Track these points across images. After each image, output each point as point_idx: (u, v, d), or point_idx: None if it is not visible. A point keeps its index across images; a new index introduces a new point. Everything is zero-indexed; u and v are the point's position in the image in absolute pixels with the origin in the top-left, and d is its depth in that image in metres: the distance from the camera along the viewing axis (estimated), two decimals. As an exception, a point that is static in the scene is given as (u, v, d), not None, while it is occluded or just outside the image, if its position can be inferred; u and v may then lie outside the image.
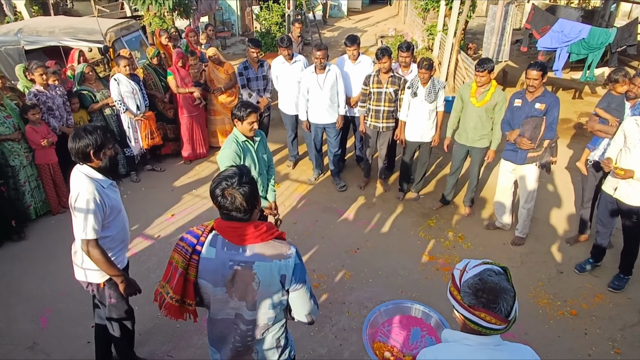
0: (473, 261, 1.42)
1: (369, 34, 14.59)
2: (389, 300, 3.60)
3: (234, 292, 1.72)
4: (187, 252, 1.74)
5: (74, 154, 2.33)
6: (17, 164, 4.48)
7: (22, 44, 6.16)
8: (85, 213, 2.28)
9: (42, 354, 3.20)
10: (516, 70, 9.74)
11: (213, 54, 5.81)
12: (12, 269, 4.07)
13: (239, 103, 3.10)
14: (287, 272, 1.70)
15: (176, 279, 1.75)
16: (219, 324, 1.82)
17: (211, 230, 1.78)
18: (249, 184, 1.69)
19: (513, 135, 4.00)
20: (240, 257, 1.69)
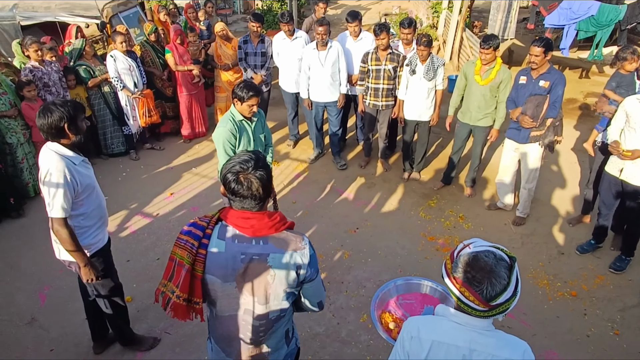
0: (483, 241, 1.37)
1: (372, 11, 14.27)
2: (387, 278, 3.62)
3: (245, 287, 1.62)
4: (194, 247, 1.59)
5: (47, 130, 2.23)
6: (14, 141, 4.44)
7: (18, 20, 6.06)
8: (54, 191, 2.21)
9: (40, 329, 3.22)
10: (522, 49, 9.51)
11: (221, 29, 5.70)
12: (11, 246, 4.08)
13: (242, 83, 3.00)
14: (303, 262, 1.62)
15: (182, 276, 1.60)
16: (226, 321, 1.71)
17: (217, 222, 1.66)
18: (265, 169, 1.59)
19: (515, 113, 3.92)
20: (253, 249, 1.59)
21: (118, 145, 5.62)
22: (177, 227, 4.32)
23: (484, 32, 10.81)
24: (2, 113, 4.26)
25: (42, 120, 2.21)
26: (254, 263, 1.59)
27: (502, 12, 6.67)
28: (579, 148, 5.59)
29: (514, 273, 1.28)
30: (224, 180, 1.60)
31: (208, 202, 4.72)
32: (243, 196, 1.56)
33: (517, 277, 1.30)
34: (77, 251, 2.38)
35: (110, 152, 5.61)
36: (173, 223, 4.40)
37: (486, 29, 11.15)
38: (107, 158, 5.60)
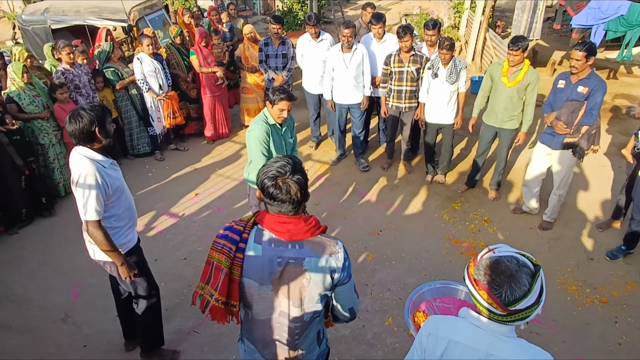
0: (508, 247, 1.37)
1: (392, 12, 14.21)
2: (412, 282, 3.61)
3: (280, 290, 1.65)
4: (231, 251, 1.63)
5: (78, 134, 2.26)
6: (46, 142, 4.58)
7: (49, 23, 6.23)
8: (87, 195, 2.26)
9: (73, 326, 3.31)
10: (547, 50, 9.36)
11: (249, 31, 5.77)
12: (43, 244, 4.20)
13: (275, 87, 3.04)
14: (338, 266, 1.64)
15: (221, 279, 1.64)
16: (262, 324, 1.74)
17: (253, 225, 1.68)
18: (302, 173, 1.62)
19: (549, 118, 3.85)
20: (289, 253, 1.62)
21: (144, 146, 5.73)
22: (203, 228, 4.39)
23: (507, 32, 10.66)
24: (35, 115, 4.40)
25: (74, 125, 2.24)
26: (290, 267, 1.62)
27: (528, 12, 6.57)
28: (611, 151, 5.47)
29: (537, 281, 1.27)
30: (261, 185, 1.62)
31: (232, 203, 4.78)
32: (281, 200, 1.58)
33: (541, 285, 1.28)
34: (113, 251, 2.44)
35: (136, 153, 5.73)
36: (199, 223, 4.47)
37: (509, 28, 10.99)
38: (133, 159, 5.72)
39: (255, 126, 3.07)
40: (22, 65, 4.29)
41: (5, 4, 14.13)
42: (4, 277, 3.80)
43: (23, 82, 4.30)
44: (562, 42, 9.99)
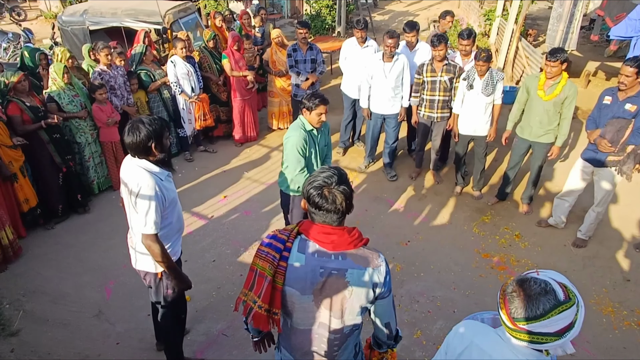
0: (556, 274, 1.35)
1: (420, 17, 14.10)
2: (441, 295, 3.57)
3: (321, 301, 1.66)
4: (275, 259, 1.65)
5: (134, 148, 2.25)
6: (82, 141, 4.71)
7: (87, 25, 6.40)
8: (147, 208, 2.26)
9: (107, 322, 3.39)
10: (581, 60, 9.12)
11: (277, 35, 5.83)
12: (78, 240, 4.32)
13: (309, 93, 3.07)
14: (380, 280, 1.64)
15: (264, 287, 1.66)
16: (300, 334, 1.75)
17: (296, 235, 1.70)
18: (347, 184, 1.64)
19: (593, 135, 3.75)
20: (332, 264, 1.62)
21: (172, 147, 5.83)
22: (231, 231, 4.44)
23: (539, 41, 10.46)
24: (73, 114, 4.53)
25: (131, 138, 2.23)
26: (332, 278, 1.63)
27: (564, 22, 6.42)
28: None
29: (562, 314, 1.25)
30: (307, 195, 1.64)
31: (260, 207, 4.82)
32: (327, 210, 1.61)
33: (571, 321, 1.27)
34: (170, 264, 2.44)
35: (165, 153, 5.83)
36: (227, 226, 4.52)
37: (540, 37, 10.79)
38: (163, 159, 5.82)
39: (293, 133, 3.10)
40: (63, 66, 4.42)
41: (43, 4, 14.60)
42: (41, 270, 3.91)
43: (63, 82, 4.44)
44: (597, 52, 9.74)
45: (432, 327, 3.31)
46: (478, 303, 3.53)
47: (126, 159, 2.39)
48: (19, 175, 4.09)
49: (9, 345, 3.15)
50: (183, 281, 2.57)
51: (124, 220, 4.55)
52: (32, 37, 9.88)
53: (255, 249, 4.14)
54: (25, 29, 10.10)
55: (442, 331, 3.28)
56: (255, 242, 4.27)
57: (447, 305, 3.52)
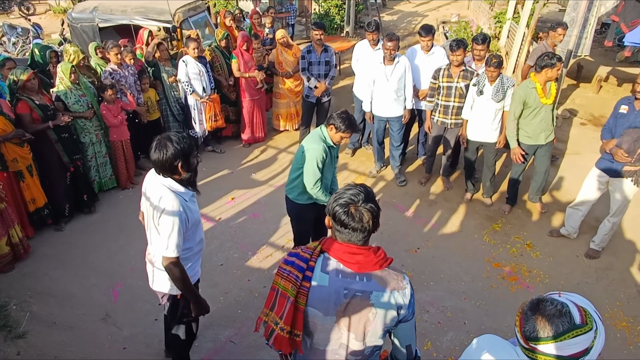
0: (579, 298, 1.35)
1: (429, 19, 14.00)
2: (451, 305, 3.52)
3: (343, 322, 1.61)
4: (298, 279, 1.60)
5: (160, 165, 2.16)
6: (86, 141, 4.67)
7: (97, 22, 6.37)
8: (170, 230, 2.17)
9: (114, 326, 3.37)
10: (592, 65, 9.01)
11: (282, 36, 5.78)
12: (84, 241, 4.29)
13: (344, 115, 2.97)
14: (404, 302, 1.60)
15: (286, 308, 1.61)
16: (321, 354, 1.71)
17: (319, 253, 1.65)
18: (374, 203, 1.59)
19: (609, 145, 3.69)
20: (356, 285, 1.58)
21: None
22: (239, 234, 4.41)
23: (549, 44, 10.35)
24: (79, 114, 4.49)
25: (157, 155, 2.14)
26: (356, 299, 1.58)
27: (577, 27, 6.33)
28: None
29: (576, 339, 1.24)
30: (332, 212, 1.59)
31: (268, 209, 4.78)
32: (353, 228, 1.56)
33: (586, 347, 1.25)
34: (189, 289, 2.37)
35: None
36: (235, 229, 4.48)
37: (551, 40, 10.68)
38: (171, 158, 5.80)
39: (315, 145, 3.03)
40: (70, 65, 4.39)
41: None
42: (48, 271, 3.89)
43: (70, 82, 4.40)
44: (608, 57, 9.63)
45: (443, 339, 3.27)
46: (489, 314, 3.49)
47: (150, 175, 2.30)
48: (25, 174, 4.06)
49: (16, 347, 3.13)
50: (201, 307, 2.48)
51: (131, 221, 4.58)
52: (40, 32, 9.86)
53: (263, 252, 4.14)
54: (34, 24, 10.08)
55: (453, 343, 3.23)
56: (263, 246, 4.23)
57: (457, 316, 3.47)
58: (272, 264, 4.01)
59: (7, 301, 3.53)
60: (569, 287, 3.75)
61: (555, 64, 3.90)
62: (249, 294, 3.65)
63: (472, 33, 10.13)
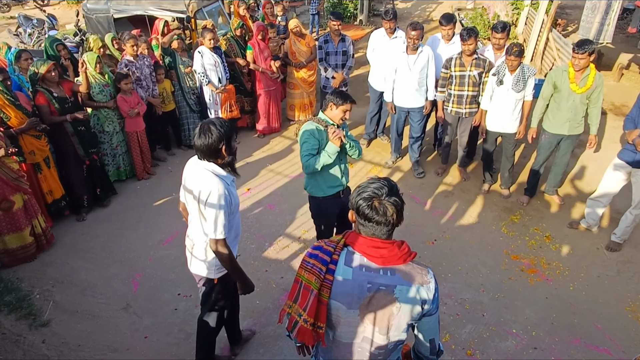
0: None
1: (444, 6, 13.74)
2: (470, 297, 3.50)
3: (367, 316, 1.62)
4: (321, 272, 1.60)
5: (204, 150, 2.21)
6: (110, 130, 4.73)
7: (112, 13, 6.38)
8: (216, 212, 2.22)
9: (135, 315, 3.42)
10: (613, 52, 8.77)
11: (295, 26, 5.72)
12: (104, 232, 4.35)
13: (335, 91, 2.95)
14: (429, 297, 1.60)
15: (310, 300, 1.62)
16: (343, 347, 1.71)
17: (343, 247, 1.65)
18: (398, 196, 1.57)
19: (632, 135, 3.60)
20: (380, 279, 1.58)
21: (195, 138, 5.81)
22: (256, 225, 4.42)
23: (567, 31, 10.09)
24: (103, 104, 4.54)
25: (202, 140, 2.19)
26: (380, 293, 1.58)
27: (600, 14, 6.15)
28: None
29: None
30: (356, 206, 1.58)
31: (284, 200, 4.79)
32: (377, 222, 1.55)
33: None
34: (236, 268, 2.44)
35: (188, 144, 5.84)
36: (251, 220, 4.50)
37: (569, 27, 10.41)
38: (186, 149, 5.84)
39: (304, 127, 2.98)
40: (96, 55, 4.43)
41: (65, -12, 14.67)
42: (69, 260, 3.96)
43: (95, 72, 4.43)
44: (630, 43, 9.36)
45: (461, 331, 3.25)
46: (508, 307, 3.46)
47: (191, 163, 2.35)
48: (42, 166, 4.12)
49: (40, 335, 3.21)
50: (247, 285, 2.55)
51: (148, 211, 4.63)
52: (56, 23, 9.92)
53: (280, 244, 4.16)
54: (50, 15, 10.14)
55: (471, 335, 3.22)
56: (279, 237, 4.24)
57: (475, 309, 3.45)
58: (288, 255, 4.03)
59: (31, 290, 3.61)
60: (589, 280, 3.70)
61: (576, 49, 3.81)
62: (266, 285, 3.67)
63: (489, 20, 9.92)
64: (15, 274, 3.77)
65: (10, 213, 3.69)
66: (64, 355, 3.08)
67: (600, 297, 3.54)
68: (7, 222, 3.70)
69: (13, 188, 3.66)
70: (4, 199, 3.62)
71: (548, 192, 4.69)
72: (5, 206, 3.64)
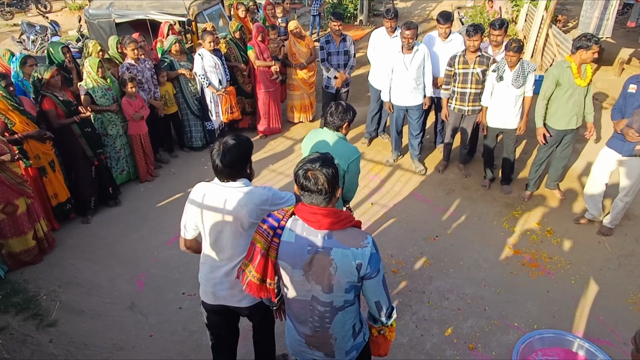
0: None
1: (444, 4, 13.77)
2: (471, 292, 3.53)
3: (310, 276, 1.80)
4: (269, 235, 1.82)
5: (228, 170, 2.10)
6: (114, 133, 4.79)
7: (113, 17, 6.45)
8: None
9: (140, 314, 3.46)
10: (613, 47, 8.77)
11: (294, 27, 5.77)
12: (109, 232, 4.40)
13: (340, 107, 2.75)
14: (363, 260, 1.74)
15: (257, 259, 1.85)
16: (295, 304, 1.92)
17: (292, 215, 1.85)
18: (332, 167, 1.75)
19: (620, 125, 3.66)
20: (319, 242, 1.76)
21: (197, 140, 5.86)
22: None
23: (568, 27, 10.09)
24: (106, 108, 4.60)
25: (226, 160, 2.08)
26: (318, 255, 1.76)
27: (599, 9, 6.16)
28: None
29: None
30: (295, 177, 1.78)
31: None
32: (311, 190, 1.73)
33: None
34: None
35: (190, 146, 5.89)
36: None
37: (570, 23, 10.41)
38: (188, 151, 5.89)
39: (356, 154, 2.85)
40: (98, 60, 4.48)
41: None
42: (75, 262, 4.02)
43: (98, 76, 4.50)
44: (630, 38, 9.35)
45: (463, 325, 3.27)
46: (510, 301, 3.48)
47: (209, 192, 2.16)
48: (48, 170, 4.18)
49: (47, 335, 3.26)
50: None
51: (152, 213, 4.69)
52: (58, 29, 10.03)
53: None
54: (52, 22, 10.26)
55: (473, 329, 3.24)
56: (282, 236, 4.28)
57: (477, 303, 3.47)
58: (291, 253, 4.06)
59: (38, 291, 3.67)
60: (590, 274, 3.71)
61: (590, 46, 3.83)
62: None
63: (489, 18, 9.93)
64: (22, 276, 3.83)
65: (14, 217, 3.75)
66: (70, 354, 3.13)
67: (601, 290, 3.55)
68: (11, 226, 3.76)
69: (17, 192, 3.71)
70: (8, 203, 3.68)
71: (549, 187, 4.70)
72: (9, 210, 3.71)
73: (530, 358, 2.15)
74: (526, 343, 2.20)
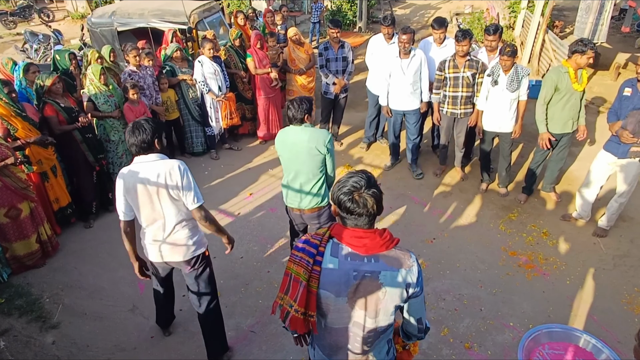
0: None
1: (442, 11, 13.91)
2: (468, 293, 3.57)
3: (356, 302, 1.70)
4: (309, 264, 1.70)
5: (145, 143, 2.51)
6: (116, 139, 4.85)
7: (115, 26, 6.56)
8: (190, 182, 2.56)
9: (141, 316, 3.52)
10: (609, 52, 8.87)
11: (294, 34, 5.86)
12: (110, 237, 4.45)
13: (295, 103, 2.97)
14: (412, 280, 1.69)
15: (299, 291, 1.71)
16: (334, 332, 1.80)
17: (328, 239, 1.74)
18: (376, 187, 1.68)
19: (615, 127, 3.73)
20: (365, 267, 1.66)
21: (197, 146, 5.94)
22: (258, 227, 4.52)
23: (565, 33, 10.19)
24: (108, 114, 4.68)
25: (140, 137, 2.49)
26: (366, 280, 1.67)
27: (593, 14, 6.25)
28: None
29: None
30: (337, 201, 1.67)
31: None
32: (358, 214, 1.64)
33: None
34: (221, 226, 2.80)
35: (191, 151, 5.97)
36: (254, 223, 4.60)
37: (567, 28, 10.51)
38: (189, 157, 5.96)
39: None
40: (100, 67, 4.58)
41: (70, 4, 15.00)
42: (78, 265, 4.08)
43: (100, 83, 4.59)
44: (627, 43, 9.45)
45: (459, 325, 3.32)
46: (505, 301, 3.52)
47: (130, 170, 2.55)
48: (50, 175, 4.25)
49: (50, 337, 3.31)
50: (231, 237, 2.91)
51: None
52: (61, 38, 10.17)
53: (281, 245, 4.25)
54: (55, 30, 10.40)
55: (469, 329, 3.29)
56: (281, 239, 4.34)
57: (473, 303, 3.52)
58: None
59: (41, 294, 3.73)
60: (586, 274, 3.76)
61: (586, 51, 3.89)
62: (269, 285, 3.76)
63: (486, 24, 10.05)
64: (25, 279, 3.89)
65: (17, 220, 3.82)
66: (73, 355, 3.18)
67: (596, 290, 3.60)
68: (14, 230, 3.83)
69: (20, 196, 3.79)
70: (11, 207, 3.75)
71: (545, 189, 4.76)
72: (13, 214, 3.78)
73: (537, 351, 2.20)
74: (533, 336, 2.25)
